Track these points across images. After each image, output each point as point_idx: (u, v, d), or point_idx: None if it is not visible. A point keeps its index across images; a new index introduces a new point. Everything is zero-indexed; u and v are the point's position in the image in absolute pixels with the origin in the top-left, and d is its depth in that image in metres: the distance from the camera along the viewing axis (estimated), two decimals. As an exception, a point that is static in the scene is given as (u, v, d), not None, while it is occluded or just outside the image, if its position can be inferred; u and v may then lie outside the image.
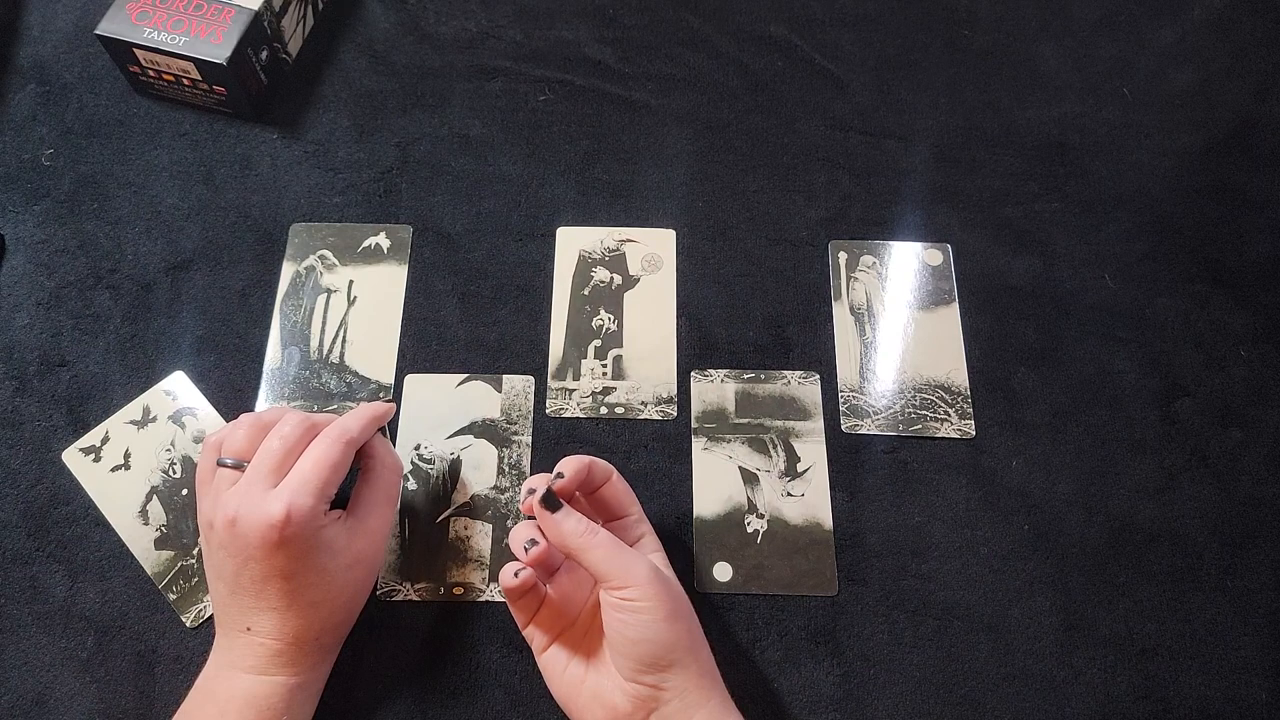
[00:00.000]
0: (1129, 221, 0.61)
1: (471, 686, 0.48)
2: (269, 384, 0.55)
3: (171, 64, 0.59)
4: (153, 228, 0.60)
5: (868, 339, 0.57)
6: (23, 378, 0.55)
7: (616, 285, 0.59)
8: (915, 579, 0.51)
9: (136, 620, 0.49)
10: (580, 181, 0.62)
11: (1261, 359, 0.57)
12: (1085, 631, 0.50)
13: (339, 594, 0.44)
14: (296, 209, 0.61)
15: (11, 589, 0.50)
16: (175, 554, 0.51)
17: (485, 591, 0.50)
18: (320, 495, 0.42)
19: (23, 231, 0.59)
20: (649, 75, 0.66)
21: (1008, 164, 0.63)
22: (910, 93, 0.66)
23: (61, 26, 0.67)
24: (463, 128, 0.64)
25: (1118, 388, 0.56)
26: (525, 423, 0.54)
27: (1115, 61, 0.67)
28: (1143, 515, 0.52)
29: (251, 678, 0.42)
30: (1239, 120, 0.65)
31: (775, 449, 0.54)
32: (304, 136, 0.63)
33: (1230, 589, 0.51)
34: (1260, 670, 0.49)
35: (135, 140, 0.63)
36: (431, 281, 0.59)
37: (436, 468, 0.53)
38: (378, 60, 0.66)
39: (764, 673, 0.49)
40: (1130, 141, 0.64)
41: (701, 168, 0.63)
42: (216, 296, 0.58)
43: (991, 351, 0.57)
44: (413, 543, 0.51)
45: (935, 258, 0.60)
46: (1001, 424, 0.55)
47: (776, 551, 0.51)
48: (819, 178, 0.62)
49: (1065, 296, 0.58)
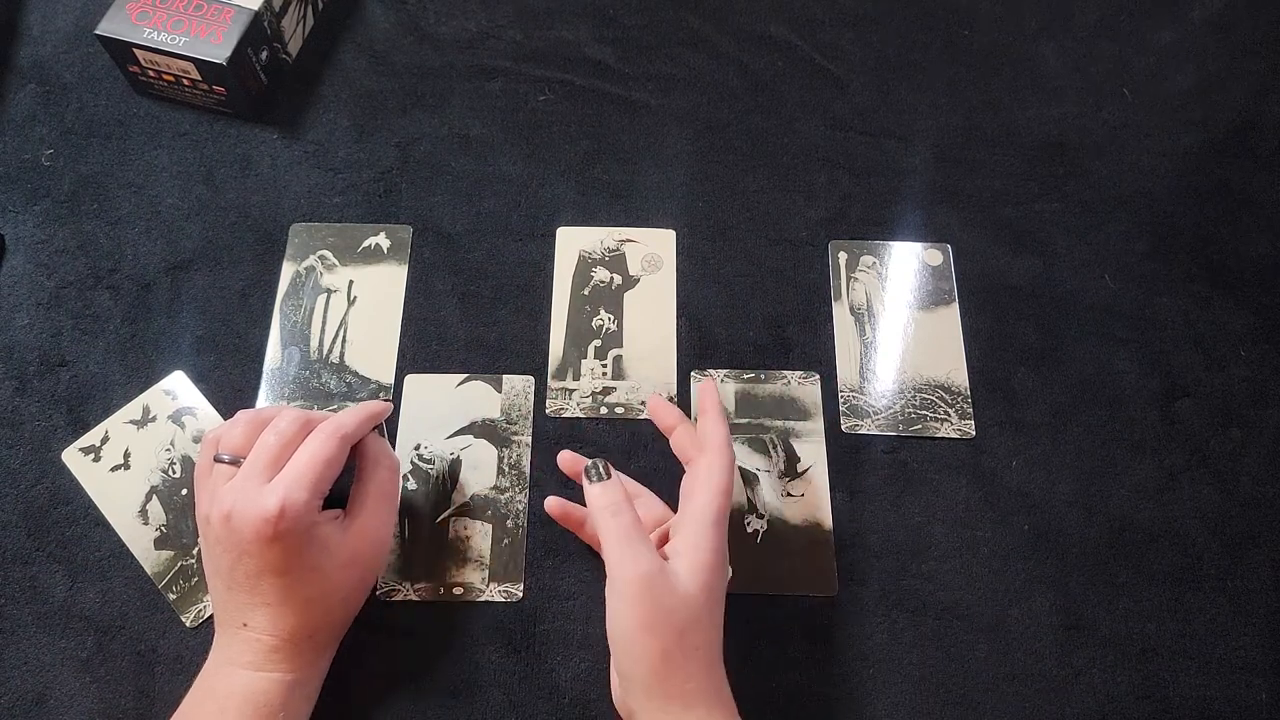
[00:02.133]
0: (1129, 221, 0.61)
1: (471, 686, 0.48)
2: (269, 384, 0.55)
3: (171, 64, 0.59)
4: (153, 228, 0.60)
5: (868, 339, 0.57)
6: (23, 378, 0.55)
7: (616, 285, 0.59)
8: (915, 579, 0.51)
9: (136, 620, 0.49)
10: (580, 181, 0.62)
11: (1261, 359, 0.57)
12: (1085, 631, 0.50)
13: (334, 592, 0.44)
14: (296, 209, 0.61)
15: (11, 589, 0.50)
16: (175, 554, 0.51)
17: (485, 591, 0.50)
18: (314, 490, 0.42)
19: (23, 231, 0.59)
20: (649, 75, 0.66)
21: (1008, 164, 0.63)
22: (910, 93, 0.66)
23: (61, 26, 0.67)
24: (463, 128, 0.64)
25: (1118, 388, 0.56)
26: (525, 423, 0.54)
27: (1115, 61, 0.67)
28: (1143, 515, 0.52)
29: (249, 674, 0.42)
30: (1239, 120, 0.65)
31: (775, 449, 0.54)
32: (304, 136, 0.63)
33: (1230, 589, 0.51)
34: (1260, 670, 0.49)
35: (135, 140, 0.63)
36: (431, 281, 0.59)
37: (436, 468, 0.53)
38: (378, 60, 0.66)
39: (764, 672, 0.48)
40: (1130, 141, 0.64)
41: (701, 168, 0.63)
42: (216, 296, 0.58)
43: (991, 351, 0.57)
44: (413, 543, 0.51)
45: (935, 258, 0.60)
46: (1001, 424, 0.55)
47: (776, 551, 0.51)
48: (819, 178, 0.62)
49: (1065, 296, 0.58)
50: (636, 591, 0.40)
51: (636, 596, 0.40)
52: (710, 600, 0.41)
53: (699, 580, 0.41)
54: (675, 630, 0.40)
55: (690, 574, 0.41)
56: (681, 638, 0.40)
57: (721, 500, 0.43)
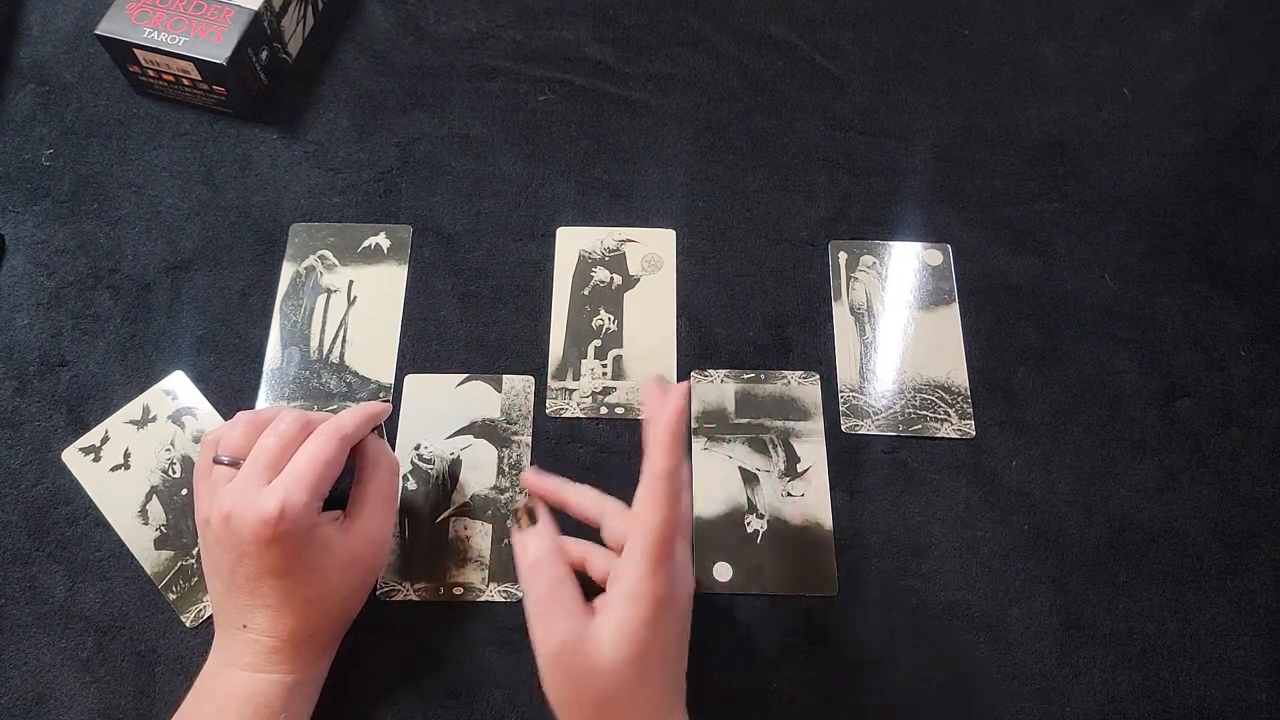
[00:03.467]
0: (1129, 221, 0.61)
1: (471, 686, 0.48)
2: (269, 384, 0.55)
3: (171, 64, 0.59)
4: (153, 228, 0.60)
5: (868, 339, 0.57)
6: (23, 378, 0.55)
7: (616, 285, 0.59)
8: (915, 579, 0.51)
9: (136, 620, 0.49)
10: (580, 181, 0.62)
11: (1261, 359, 0.57)
12: (1085, 631, 0.50)
13: (334, 593, 0.44)
14: (296, 209, 0.61)
15: (11, 589, 0.50)
16: (175, 554, 0.51)
17: (485, 591, 0.50)
18: (314, 491, 0.42)
19: (23, 231, 0.59)
20: (649, 75, 0.66)
21: (1008, 164, 0.63)
22: (910, 93, 0.66)
23: (61, 26, 0.67)
24: (463, 128, 0.64)
25: (1118, 388, 0.56)
26: (525, 423, 0.54)
27: (1115, 61, 0.67)
28: (1143, 515, 0.52)
29: (249, 675, 0.42)
30: (1239, 120, 0.65)
31: (775, 449, 0.54)
32: (304, 136, 0.63)
33: (1230, 589, 0.51)
34: (1260, 670, 0.49)
35: (135, 140, 0.63)
36: (431, 281, 0.59)
37: (436, 468, 0.53)
38: (378, 60, 0.66)
39: (763, 672, 0.48)
40: (1130, 141, 0.64)
41: (701, 168, 0.63)
42: (216, 296, 0.58)
43: (991, 351, 0.57)
44: (413, 543, 0.51)
45: (935, 258, 0.60)
46: (1001, 424, 0.55)
47: (776, 551, 0.51)
48: (819, 178, 0.62)
49: (1065, 296, 0.58)
50: (551, 663, 0.38)
51: (551, 667, 0.39)
52: (641, 664, 0.37)
53: (627, 647, 0.37)
54: (594, 703, 0.38)
55: (617, 639, 0.37)
56: (602, 709, 0.38)
57: (653, 545, 0.38)
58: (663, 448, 0.39)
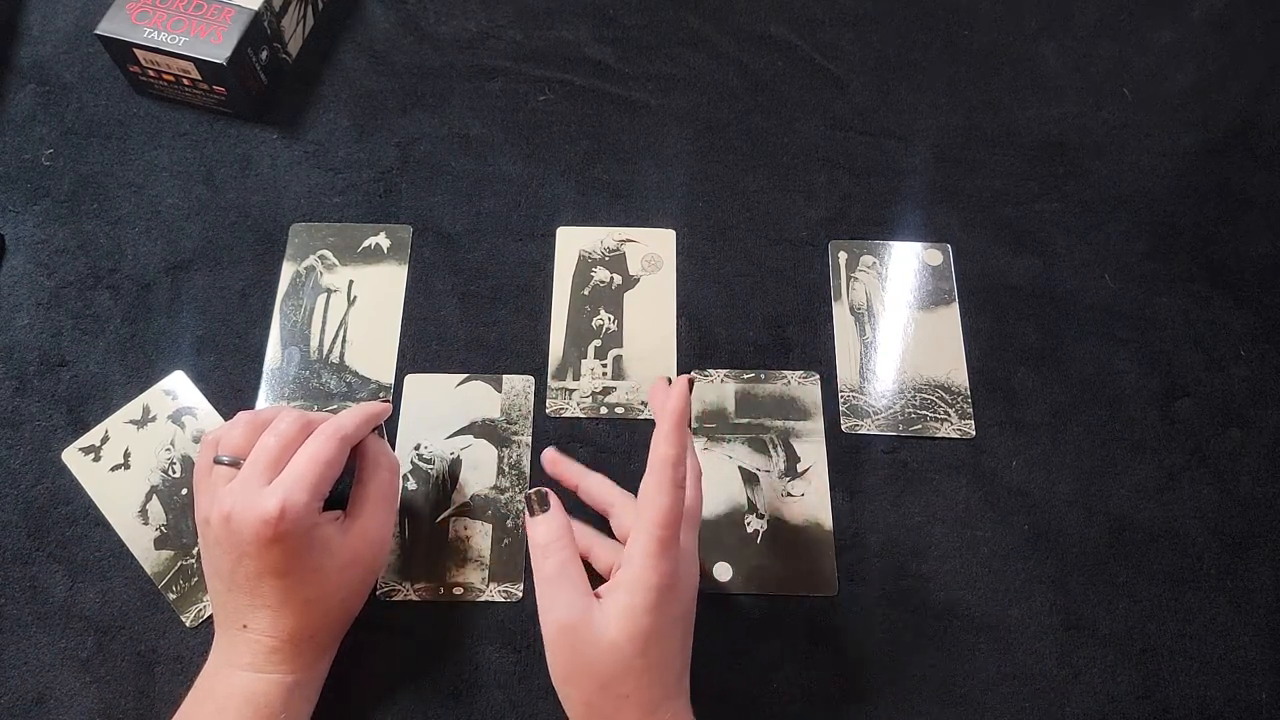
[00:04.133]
0: (1129, 221, 0.61)
1: (471, 686, 0.48)
2: (269, 384, 0.55)
3: (171, 64, 0.59)
4: (153, 228, 0.60)
5: (868, 339, 0.57)
6: (23, 378, 0.55)
7: (616, 285, 0.59)
8: (915, 579, 0.51)
9: (136, 620, 0.49)
10: (580, 181, 0.62)
11: (1261, 359, 0.57)
12: (1085, 631, 0.50)
13: (334, 594, 0.44)
14: (296, 209, 0.61)
15: (11, 589, 0.50)
16: (175, 554, 0.51)
17: (485, 591, 0.50)
18: (314, 491, 0.42)
19: (23, 231, 0.59)
20: (649, 75, 0.66)
21: (1008, 164, 0.63)
22: (910, 93, 0.66)
23: (61, 26, 0.67)
24: (463, 128, 0.64)
25: (1118, 388, 0.56)
26: (525, 423, 0.54)
27: (1115, 61, 0.67)
28: (1143, 515, 0.52)
29: (249, 675, 0.42)
30: (1239, 120, 0.65)
31: (775, 449, 0.54)
32: (304, 136, 0.63)
33: (1230, 589, 0.51)
34: (1260, 670, 0.49)
35: (135, 140, 0.63)
36: (431, 281, 0.59)
37: (436, 468, 0.53)
38: (378, 60, 0.66)
39: (763, 673, 0.48)
40: (1130, 141, 0.64)
41: (701, 168, 0.63)
42: (216, 296, 0.58)
43: (991, 351, 0.57)
44: (413, 543, 0.51)
45: (935, 258, 0.60)
46: (1001, 424, 0.55)
47: (776, 551, 0.51)
48: (819, 178, 0.62)
49: (1065, 296, 0.58)
50: (555, 640, 0.39)
51: (555, 645, 0.39)
52: (643, 646, 0.38)
53: (630, 628, 0.38)
54: (596, 682, 0.39)
55: (620, 620, 0.38)
56: (604, 689, 0.39)
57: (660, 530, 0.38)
58: (667, 436, 0.40)
